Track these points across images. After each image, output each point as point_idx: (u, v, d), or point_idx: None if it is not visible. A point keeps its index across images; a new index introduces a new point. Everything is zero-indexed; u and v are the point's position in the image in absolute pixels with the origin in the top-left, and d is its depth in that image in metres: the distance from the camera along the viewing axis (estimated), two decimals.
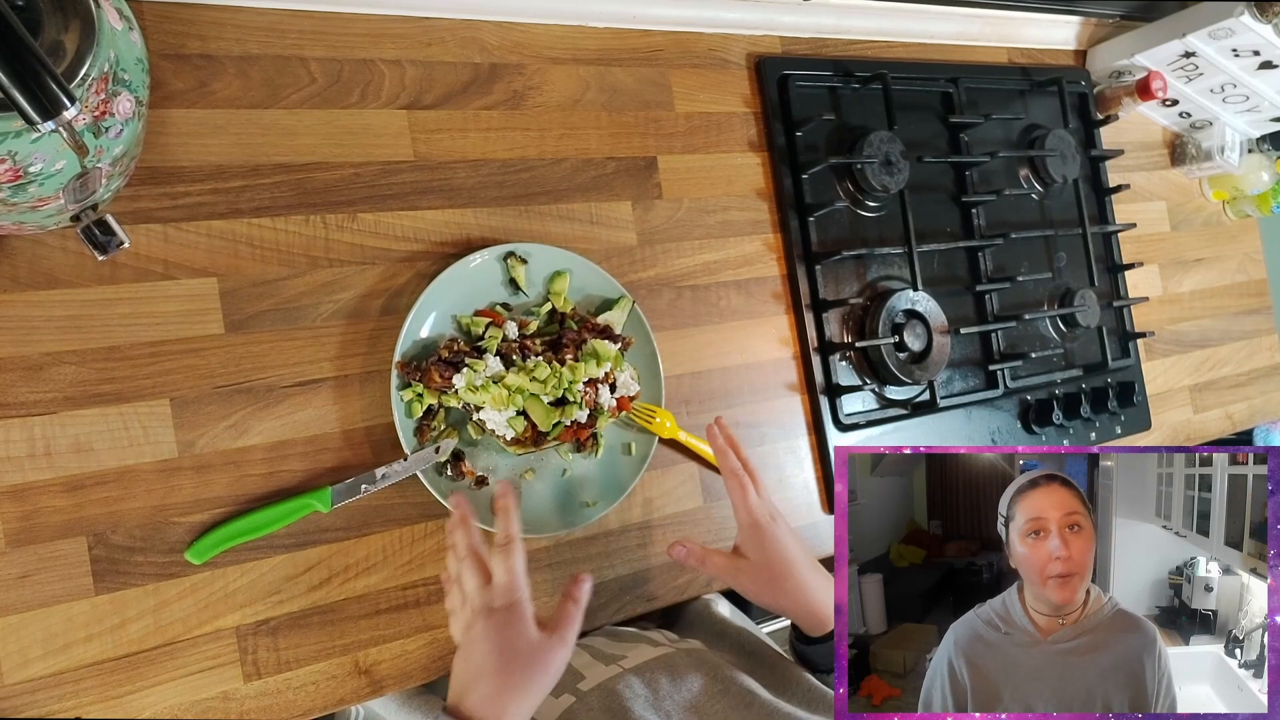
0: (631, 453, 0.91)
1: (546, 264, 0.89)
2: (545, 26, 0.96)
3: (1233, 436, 1.49)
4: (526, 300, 0.89)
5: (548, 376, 0.82)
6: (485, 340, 0.83)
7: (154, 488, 0.74)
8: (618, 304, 0.91)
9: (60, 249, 0.73)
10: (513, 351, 0.84)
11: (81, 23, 0.56)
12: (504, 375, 0.82)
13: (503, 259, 0.87)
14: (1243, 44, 1.26)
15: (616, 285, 0.92)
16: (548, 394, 0.83)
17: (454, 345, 0.83)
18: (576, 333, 0.87)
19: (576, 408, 0.84)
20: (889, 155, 1.11)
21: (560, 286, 0.89)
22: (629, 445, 0.92)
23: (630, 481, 0.90)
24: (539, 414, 0.83)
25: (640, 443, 0.91)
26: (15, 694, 0.68)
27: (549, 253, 0.89)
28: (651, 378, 0.93)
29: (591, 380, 0.85)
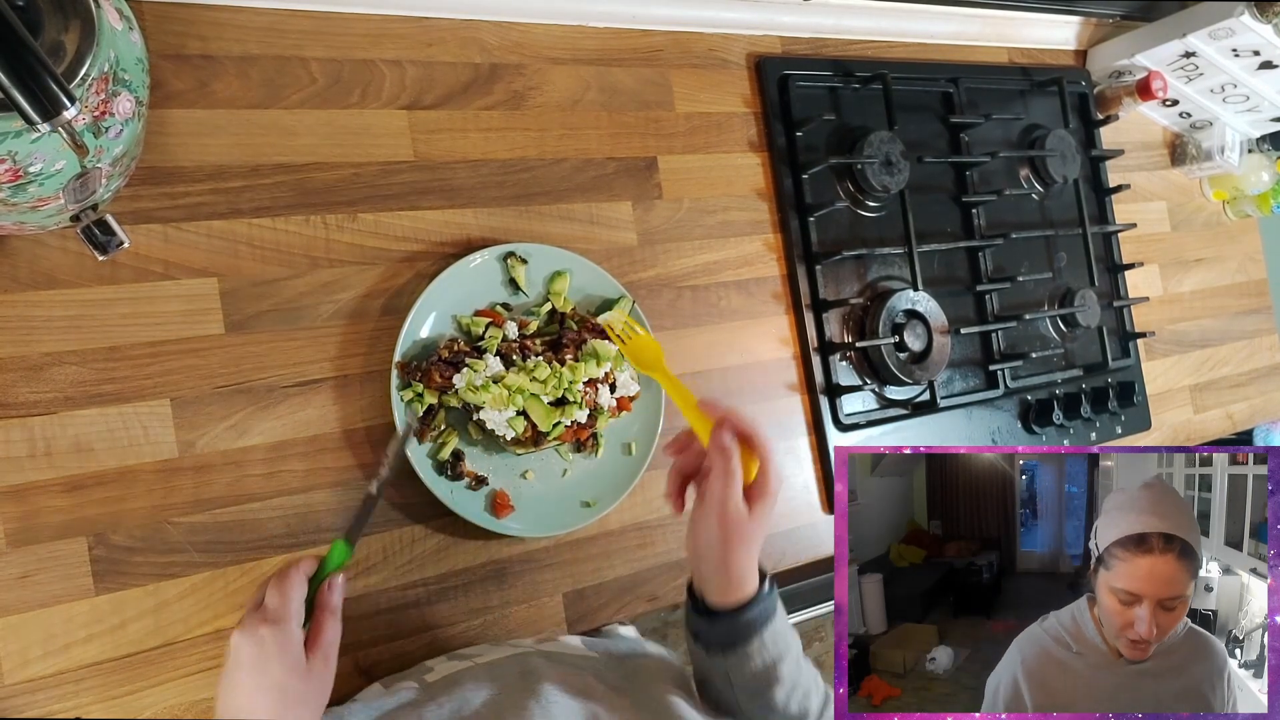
0: (631, 453, 0.91)
1: (546, 264, 0.89)
2: (545, 26, 0.96)
3: (1233, 436, 1.49)
4: (526, 300, 0.89)
5: (548, 377, 0.82)
6: (485, 340, 0.83)
7: (154, 488, 0.74)
8: (618, 304, 0.91)
9: (60, 249, 0.73)
10: (513, 351, 0.84)
11: (81, 23, 0.56)
12: (504, 375, 0.82)
13: (503, 259, 0.87)
14: (1243, 44, 1.26)
15: (616, 285, 0.92)
16: (548, 394, 0.83)
17: (454, 345, 0.83)
18: (576, 333, 0.87)
19: (577, 408, 0.84)
20: (889, 155, 1.11)
21: (560, 286, 0.89)
22: (629, 445, 0.92)
23: (630, 482, 0.90)
24: (539, 414, 0.83)
25: (640, 443, 0.91)
26: (15, 694, 0.68)
27: (549, 253, 0.89)
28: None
29: (591, 380, 0.85)
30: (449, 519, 0.83)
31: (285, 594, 0.59)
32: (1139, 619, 0.56)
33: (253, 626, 0.58)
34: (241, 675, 0.57)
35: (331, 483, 0.80)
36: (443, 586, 0.84)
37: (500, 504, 0.84)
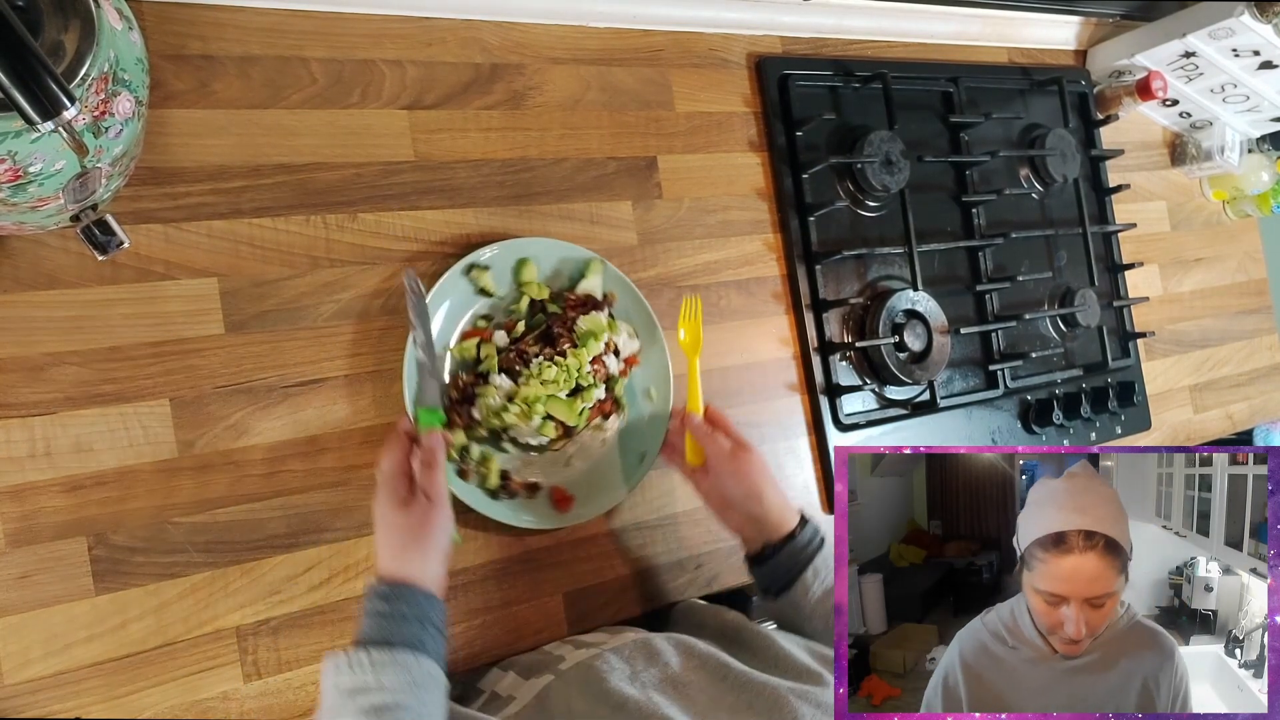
0: (653, 397, 0.93)
1: (507, 259, 0.88)
2: (545, 26, 0.96)
3: (1233, 436, 1.49)
4: (503, 301, 0.88)
5: (557, 375, 0.83)
6: (484, 362, 0.84)
7: (154, 488, 0.74)
8: (589, 269, 0.90)
9: (61, 249, 0.73)
10: (514, 362, 0.84)
11: (81, 23, 0.56)
12: (516, 390, 0.82)
13: (465, 274, 0.86)
14: (1243, 44, 1.26)
15: (582, 250, 0.91)
16: (563, 389, 0.84)
17: (459, 381, 0.83)
18: (563, 316, 0.87)
19: (594, 389, 0.86)
20: (889, 155, 1.11)
21: (529, 275, 0.88)
22: (648, 391, 0.93)
23: (665, 422, 0.92)
24: (563, 411, 0.84)
25: (658, 386, 0.93)
26: (16, 694, 0.68)
27: (506, 248, 0.87)
28: (648, 331, 0.93)
29: (596, 357, 0.86)
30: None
31: (387, 453, 0.74)
32: (1067, 619, 0.54)
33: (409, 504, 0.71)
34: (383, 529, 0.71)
35: (331, 483, 0.80)
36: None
37: (560, 499, 0.87)
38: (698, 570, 0.96)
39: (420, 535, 0.70)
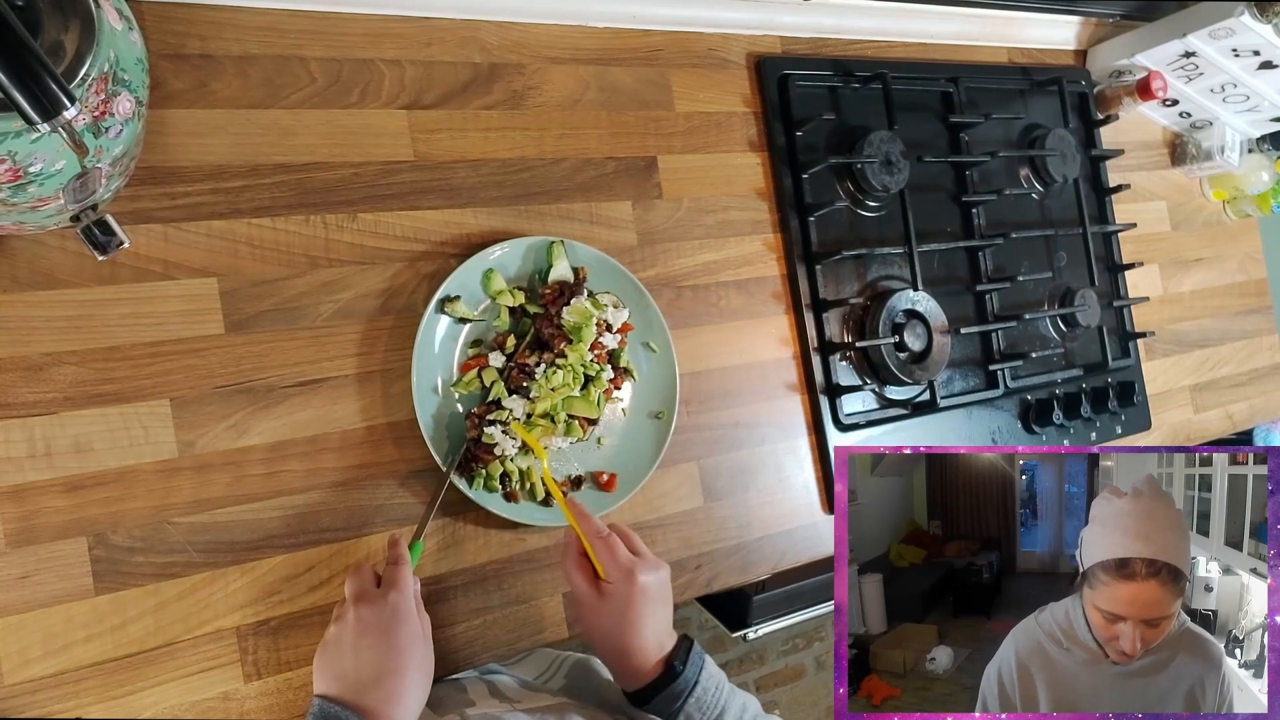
0: (654, 348, 0.94)
1: (472, 279, 0.86)
2: (545, 26, 0.96)
3: (1233, 436, 1.49)
4: (484, 319, 0.87)
5: (564, 377, 0.84)
6: (492, 390, 0.84)
7: (154, 488, 0.74)
8: (551, 252, 0.89)
9: (60, 249, 0.73)
10: (519, 380, 0.84)
11: (81, 23, 0.56)
12: (532, 406, 0.83)
13: (438, 310, 0.84)
14: (1243, 44, 1.26)
15: (538, 239, 0.89)
16: (574, 388, 0.85)
17: (473, 421, 0.83)
18: (546, 314, 0.87)
19: (602, 373, 0.87)
20: (889, 155, 1.11)
21: (497, 285, 0.87)
22: (648, 345, 0.94)
23: (672, 372, 0.93)
24: (583, 408, 0.86)
25: (657, 340, 0.93)
26: (16, 694, 0.68)
27: (465, 271, 0.85)
28: (628, 290, 0.92)
29: (593, 343, 0.87)
30: (448, 520, 0.84)
31: (394, 576, 0.70)
32: (1123, 635, 0.56)
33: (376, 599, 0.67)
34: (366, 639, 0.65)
35: (331, 483, 0.80)
36: (443, 587, 0.84)
37: (606, 482, 0.89)
38: (697, 570, 0.96)
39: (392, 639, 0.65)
